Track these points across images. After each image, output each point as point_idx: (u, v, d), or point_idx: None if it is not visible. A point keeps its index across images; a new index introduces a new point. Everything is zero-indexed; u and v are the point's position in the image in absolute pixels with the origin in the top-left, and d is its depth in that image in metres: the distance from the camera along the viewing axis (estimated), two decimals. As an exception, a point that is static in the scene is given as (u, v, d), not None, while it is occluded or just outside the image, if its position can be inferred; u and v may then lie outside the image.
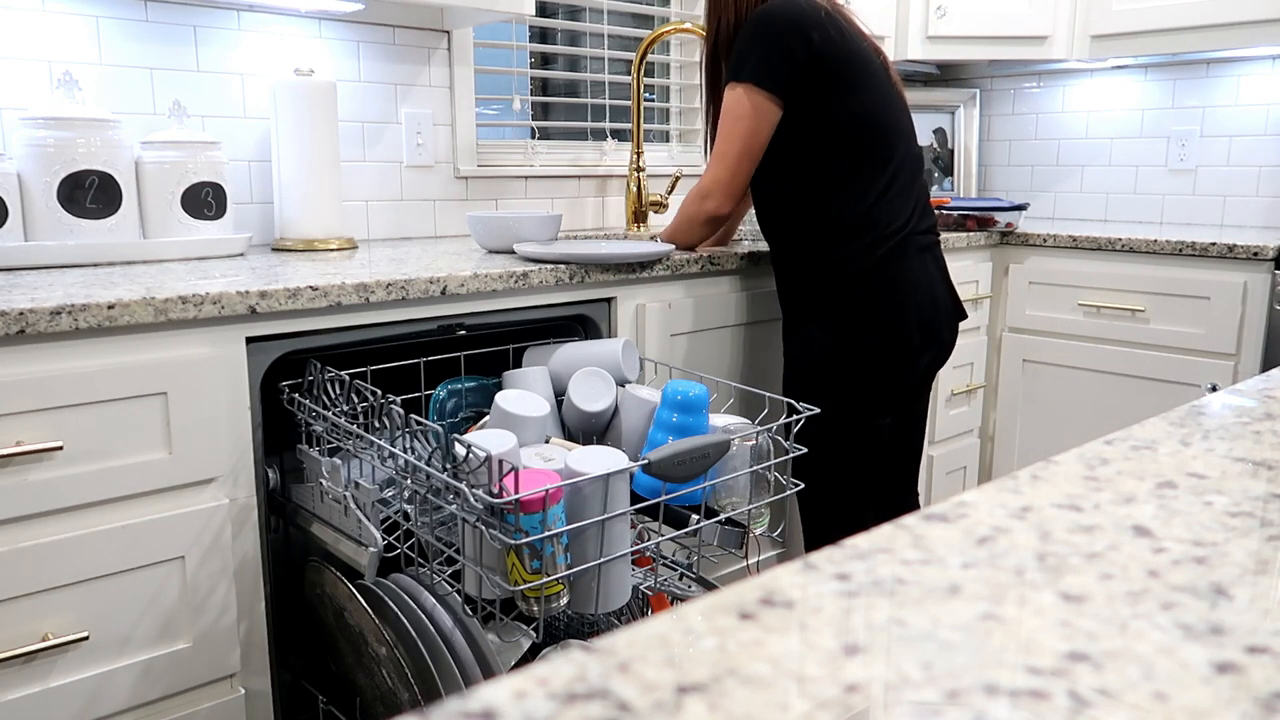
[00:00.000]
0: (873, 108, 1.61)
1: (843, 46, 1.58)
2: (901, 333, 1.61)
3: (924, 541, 0.41)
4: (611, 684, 0.29)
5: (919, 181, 1.70)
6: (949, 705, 0.29)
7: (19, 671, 1.13)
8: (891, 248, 1.61)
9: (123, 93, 1.72)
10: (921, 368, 1.69)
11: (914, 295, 1.62)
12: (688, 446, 1.17)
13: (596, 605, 1.17)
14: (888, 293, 1.61)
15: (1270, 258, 2.04)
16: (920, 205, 1.68)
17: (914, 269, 1.63)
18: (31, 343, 1.10)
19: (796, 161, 1.62)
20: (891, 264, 1.61)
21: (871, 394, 1.65)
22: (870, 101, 1.60)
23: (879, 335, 1.61)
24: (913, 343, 1.63)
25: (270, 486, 1.39)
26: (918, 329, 1.63)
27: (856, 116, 1.59)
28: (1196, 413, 0.62)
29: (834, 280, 1.62)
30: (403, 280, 1.36)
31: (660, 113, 2.68)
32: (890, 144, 1.63)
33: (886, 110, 1.63)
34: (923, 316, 1.63)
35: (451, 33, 2.13)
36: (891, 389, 1.66)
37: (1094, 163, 2.91)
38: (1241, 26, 2.30)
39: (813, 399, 1.60)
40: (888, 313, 1.61)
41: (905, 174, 1.65)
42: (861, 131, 1.60)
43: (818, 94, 1.58)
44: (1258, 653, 0.32)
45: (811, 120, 1.60)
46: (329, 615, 1.37)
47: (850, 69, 1.58)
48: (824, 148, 1.60)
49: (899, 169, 1.64)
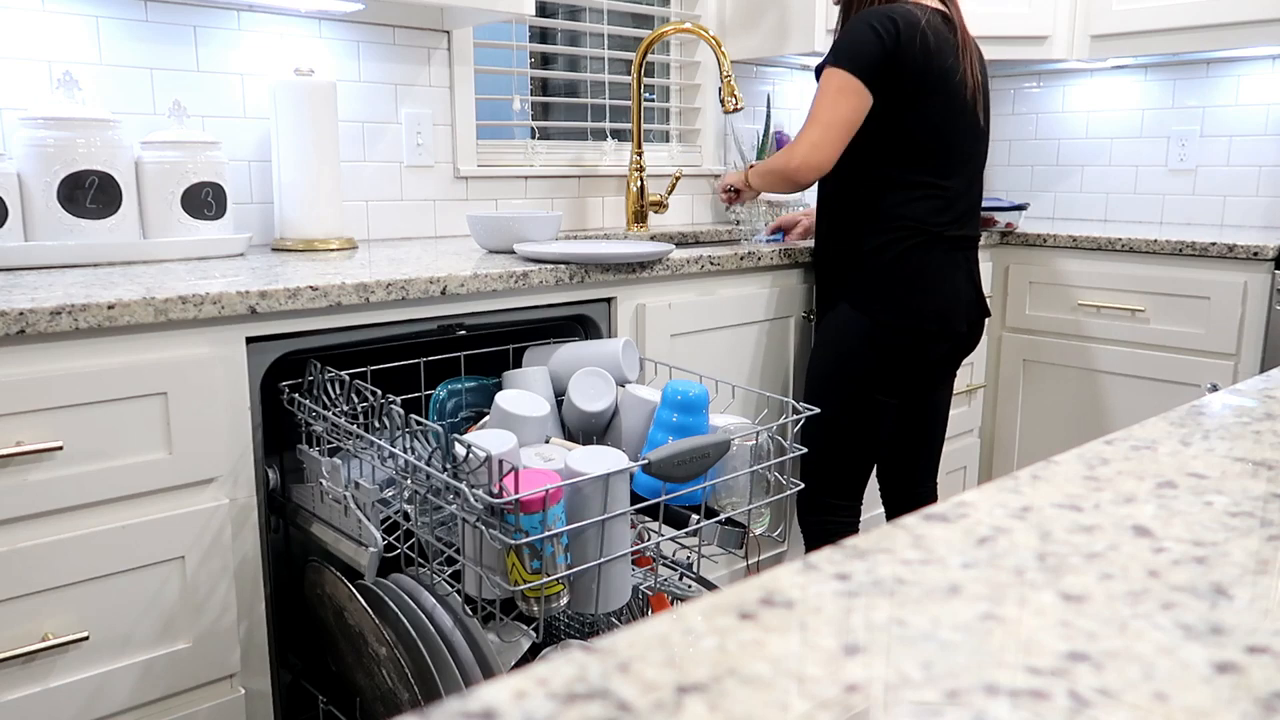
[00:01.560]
0: (936, 127, 1.71)
1: (923, 62, 1.67)
2: (918, 316, 1.73)
3: (924, 541, 0.41)
4: (611, 684, 0.29)
5: (969, 198, 1.80)
6: (949, 705, 0.29)
7: (19, 671, 1.13)
8: (920, 242, 1.72)
9: (123, 93, 1.72)
10: (936, 355, 1.79)
11: (934, 285, 1.74)
12: (688, 446, 1.17)
13: (596, 605, 1.17)
14: (910, 280, 1.73)
15: (1270, 258, 2.04)
16: (965, 215, 1.78)
17: (938, 263, 1.74)
18: (31, 343, 1.10)
19: (857, 159, 1.74)
20: (916, 256, 1.72)
21: (884, 375, 1.76)
22: (935, 120, 1.71)
23: (896, 318, 1.72)
24: (927, 329, 1.74)
25: (270, 486, 1.39)
26: (934, 316, 1.74)
27: (917, 129, 1.70)
28: (1196, 413, 0.62)
29: (864, 267, 1.74)
30: (403, 280, 1.36)
31: (660, 113, 2.68)
32: (945, 161, 1.74)
33: (950, 132, 1.73)
34: (940, 305, 1.74)
35: (451, 33, 2.13)
36: (903, 370, 1.77)
37: (1094, 163, 2.91)
38: (1241, 26, 2.30)
39: (834, 374, 1.77)
40: (907, 298, 1.73)
41: (956, 186, 1.76)
42: (918, 144, 1.71)
43: (890, 99, 1.69)
44: (1258, 653, 0.32)
45: (875, 123, 1.71)
46: (329, 615, 1.37)
47: (924, 85, 1.68)
48: (879, 151, 1.73)
49: (950, 181, 1.75)
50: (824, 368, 1.79)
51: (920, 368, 1.79)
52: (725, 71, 2.21)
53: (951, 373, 1.94)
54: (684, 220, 2.66)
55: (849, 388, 1.76)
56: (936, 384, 1.92)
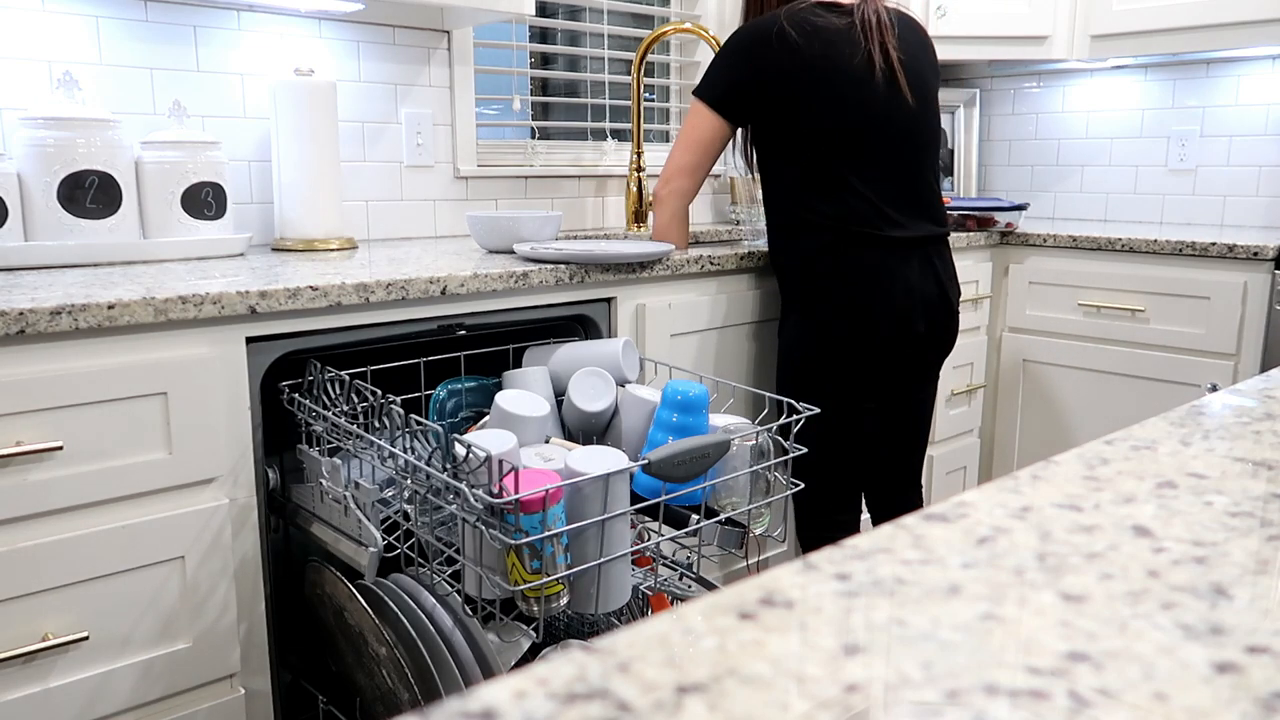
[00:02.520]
0: (830, 117, 1.66)
1: (786, 64, 1.65)
2: (867, 320, 1.68)
3: (924, 541, 0.41)
4: (611, 684, 0.29)
5: (905, 179, 1.72)
6: (949, 705, 0.29)
7: (19, 671, 1.13)
8: (850, 243, 1.67)
9: (123, 93, 1.72)
10: (901, 357, 1.73)
11: (879, 285, 1.67)
12: (688, 446, 1.17)
13: (596, 605, 1.17)
14: (852, 283, 1.68)
15: (1270, 258, 2.04)
16: (909, 204, 1.72)
17: (880, 262, 1.68)
18: (31, 343, 1.10)
19: (767, 168, 1.76)
20: (852, 257, 1.67)
21: (845, 380, 1.72)
22: (826, 111, 1.66)
23: (846, 323, 1.69)
24: (879, 331, 1.69)
25: (270, 486, 1.39)
26: (885, 318, 1.68)
27: (813, 128, 1.67)
28: (1196, 413, 0.62)
29: (802, 274, 1.72)
30: (403, 280, 1.36)
31: (660, 113, 2.68)
32: (855, 147, 1.67)
33: (851, 116, 1.67)
34: (891, 306, 1.68)
35: (451, 33, 2.13)
36: (865, 376, 1.72)
37: (1094, 163, 2.91)
38: (1241, 26, 2.30)
39: (796, 383, 1.74)
40: (854, 302, 1.68)
41: (878, 174, 1.69)
42: (819, 140, 1.67)
43: (768, 113, 1.70)
44: (1258, 653, 0.32)
45: (771, 133, 1.72)
46: (329, 615, 1.37)
47: (798, 85, 1.65)
48: (786, 156, 1.72)
49: (870, 170, 1.69)
50: (785, 377, 1.76)
51: (885, 371, 1.73)
52: (725, 71, 2.20)
53: (928, 375, 1.86)
54: (684, 220, 2.65)
55: (813, 395, 1.70)
56: (914, 388, 1.85)
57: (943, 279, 1.75)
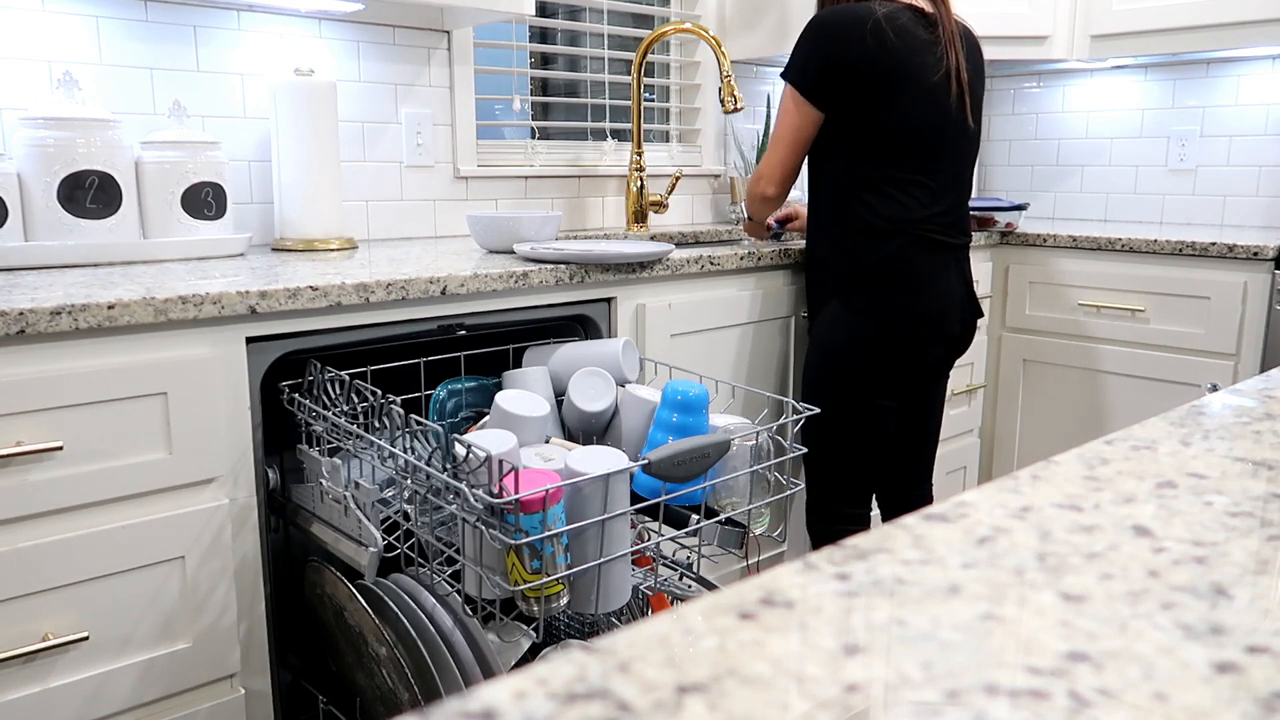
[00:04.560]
0: (905, 121, 1.69)
1: (880, 60, 1.66)
2: (908, 319, 1.72)
3: (924, 541, 0.41)
4: (611, 684, 0.29)
5: (954, 192, 1.78)
6: (949, 705, 0.29)
7: (19, 671, 1.13)
8: (903, 244, 1.71)
9: (123, 93, 1.72)
10: (930, 358, 1.79)
11: (924, 286, 1.72)
12: (688, 446, 1.17)
13: (596, 605, 1.17)
14: (899, 280, 1.71)
15: (1270, 258, 2.04)
16: (952, 214, 1.77)
17: (928, 263, 1.73)
18: (31, 343, 1.10)
19: (829, 161, 1.77)
20: (903, 256, 1.71)
21: (875, 374, 1.75)
22: (903, 115, 1.69)
23: (887, 320, 1.72)
24: (920, 333, 1.73)
25: (270, 486, 1.39)
26: (926, 318, 1.73)
27: (887, 128, 1.69)
28: (1196, 413, 0.62)
29: (850, 268, 1.74)
30: (403, 280, 1.36)
31: (660, 113, 2.68)
32: (921, 155, 1.72)
33: (926, 128, 1.71)
34: (931, 309, 1.73)
35: (451, 33, 2.13)
36: (896, 372, 1.76)
37: (1094, 163, 2.91)
38: (1241, 26, 2.30)
39: (825, 373, 1.77)
40: (897, 298, 1.72)
41: (936, 184, 1.74)
42: (891, 142, 1.70)
43: (849, 103, 1.70)
44: (1258, 653, 0.32)
45: (843, 126, 1.73)
46: (329, 615, 1.37)
47: (886, 82, 1.67)
48: (853, 152, 1.73)
49: (929, 179, 1.73)
50: (817, 370, 1.78)
51: (914, 369, 1.78)
52: (725, 71, 2.21)
53: (945, 374, 1.93)
54: (684, 220, 2.66)
55: (843, 390, 1.75)
56: (930, 385, 1.91)
57: (969, 281, 1.83)
